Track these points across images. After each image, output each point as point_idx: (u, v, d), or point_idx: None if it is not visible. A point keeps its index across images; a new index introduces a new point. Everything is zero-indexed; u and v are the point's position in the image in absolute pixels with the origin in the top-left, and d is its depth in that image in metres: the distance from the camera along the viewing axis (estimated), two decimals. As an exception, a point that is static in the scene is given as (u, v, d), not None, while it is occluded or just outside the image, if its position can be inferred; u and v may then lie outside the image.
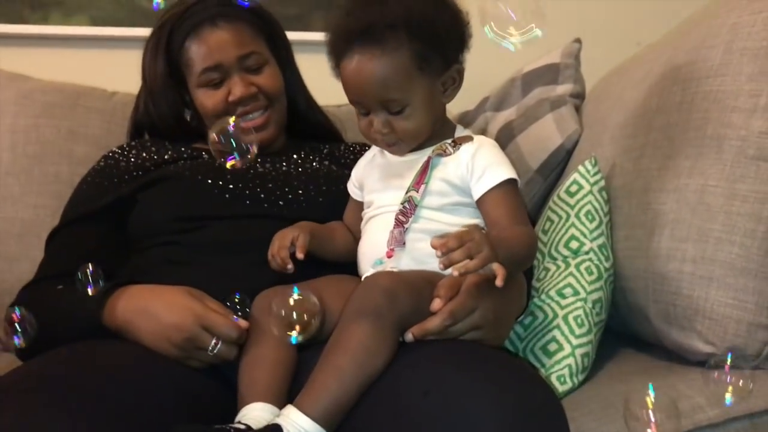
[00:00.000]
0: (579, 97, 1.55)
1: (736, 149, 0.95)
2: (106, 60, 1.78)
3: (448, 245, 0.81)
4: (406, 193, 0.97)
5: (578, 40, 1.61)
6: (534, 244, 0.98)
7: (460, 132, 1.04)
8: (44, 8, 1.77)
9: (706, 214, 0.95)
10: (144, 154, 1.23)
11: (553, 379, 0.97)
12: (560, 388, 0.97)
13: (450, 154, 0.98)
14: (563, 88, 1.56)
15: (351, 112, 1.62)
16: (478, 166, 0.96)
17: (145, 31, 1.61)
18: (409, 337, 0.86)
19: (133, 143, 1.28)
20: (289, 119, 1.33)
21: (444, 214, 0.97)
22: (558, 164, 1.43)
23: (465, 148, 0.98)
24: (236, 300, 0.97)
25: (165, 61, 1.24)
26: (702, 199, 0.97)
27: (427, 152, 1.00)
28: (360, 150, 1.36)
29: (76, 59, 1.78)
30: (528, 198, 1.44)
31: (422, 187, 0.96)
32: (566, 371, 0.97)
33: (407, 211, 0.96)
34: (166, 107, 1.28)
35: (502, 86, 1.66)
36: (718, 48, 1.02)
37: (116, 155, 1.25)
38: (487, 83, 1.70)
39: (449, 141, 1.00)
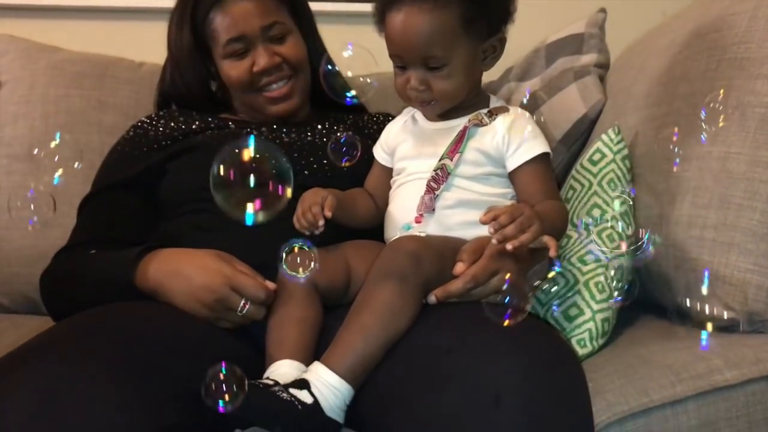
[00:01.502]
0: (603, 67, 1.54)
1: (760, 116, 0.95)
2: (134, 31, 1.80)
3: (500, 221, 0.83)
4: (440, 160, 0.99)
5: (603, 10, 1.60)
6: (567, 217, 1.01)
7: (494, 102, 1.05)
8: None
9: (728, 181, 0.96)
10: (172, 124, 1.26)
11: (574, 342, 0.99)
12: (580, 352, 0.98)
13: (486, 125, 1.00)
14: (588, 58, 1.56)
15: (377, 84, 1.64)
16: (514, 138, 0.98)
17: (171, 2, 1.64)
18: (432, 299, 0.88)
19: (161, 113, 1.30)
20: (313, 89, 1.35)
21: (476, 183, 0.99)
22: (582, 134, 1.44)
23: (501, 119, 1.00)
24: None
25: (190, 32, 1.26)
26: (724, 166, 0.97)
27: (463, 121, 1.01)
28: (383, 120, 1.38)
29: (105, 31, 1.81)
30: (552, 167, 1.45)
31: (457, 155, 0.98)
32: (586, 335, 0.99)
33: (439, 178, 0.98)
34: (192, 78, 1.30)
35: (526, 56, 1.66)
36: (743, 15, 1.02)
37: (145, 125, 1.27)
38: (512, 53, 1.70)
39: (485, 111, 1.01)
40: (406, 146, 1.06)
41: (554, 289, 1.06)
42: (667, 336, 0.98)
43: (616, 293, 0.87)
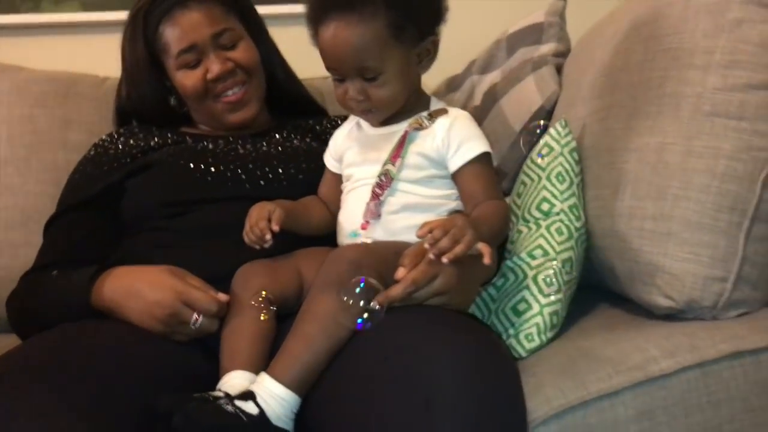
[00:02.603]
0: (563, 55, 1.55)
1: (693, 106, 0.97)
2: (99, 45, 1.80)
3: (434, 235, 0.85)
4: (383, 166, 1.01)
5: (563, -2, 1.61)
6: (508, 215, 1.04)
7: (435, 104, 1.07)
8: (35, -3, 1.82)
9: (665, 172, 0.98)
10: (131, 141, 1.28)
11: (522, 337, 1.01)
12: (528, 346, 1.01)
13: (426, 128, 1.01)
14: (547, 48, 1.57)
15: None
16: (453, 139, 1.00)
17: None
18: (374, 305, 0.90)
19: (121, 131, 1.32)
20: (270, 94, 1.36)
21: (420, 187, 1.01)
22: (540, 125, 1.45)
23: (440, 121, 1.02)
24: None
25: (143, 47, 1.28)
26: (661, 157, 0.99)
27: (404, 125, 1.03)
28: (342, 122, 1.39)
29: (69, 46, 1.82)
30: (513, 161, 1.46)
31: (399, 160, 1.00)
32: (534, 330, 1.01)
33: (383, 183, 1.00)
34: (148, 92, 1.32)
35: (487, 49, 1.67)
36: (676, 6, 1.04)
37: (105, 143, 1.29)
38: (475, 45, 1.71)
39: (425, 114, 1.03)
40: (351, 153, 1.08)
41: (506, 285, 1.08)
42: (612, 326, 1.00)
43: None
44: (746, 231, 0.93)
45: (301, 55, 1.42)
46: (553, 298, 1.04)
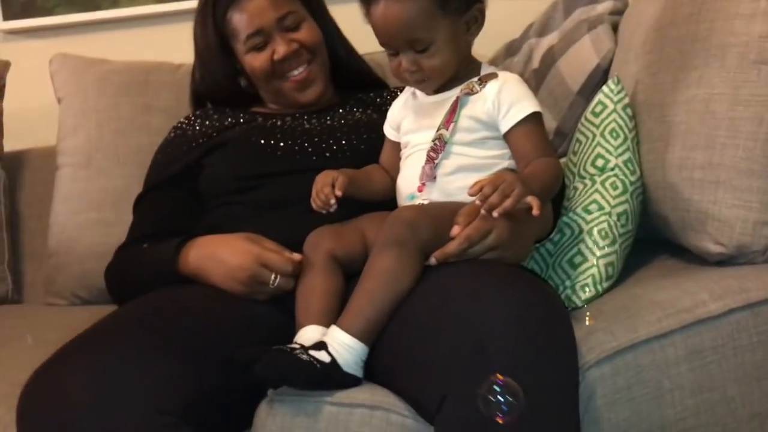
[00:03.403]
0: (620, 13, 1.56)
1: (739, 55, 0.98)
2: (173, 34, 1.91)
3: (483, 192, 0.91)
4: (437, 131, 1.07)
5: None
6: (560, 172, 1.07)
7: (485, 69, 1.11)
8: (114, -7, 1.94)
9: (712, 122, 1.00)
10: (207, 122, 1.37)
11: (578, 288, 1.06)
12: (583, 296, 1.05)
13: (477, 92, 1.06)
14: (603, 6, 1.57)
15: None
16: (504, 102, 1.05)
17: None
18: (431, 261, 0.96)
19: (197, 113, 1.42)
20: (333, 71, 1.43)
21: (472, 149, 1.06)
22: (597, 84, 1.47)
23: (490, 85, 1.06)
24: None
25: (213, 32, 1.37)
26: (708, 107, 1.01)
27: (455, 92, 1.08)
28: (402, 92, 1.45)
29: (146, 36, 1.94)
30: (572, 120, 1.49)
31: (451, 125, 1.05)
32: (589, 281, 1.05)
33: (437, 147, 1.06)
34: (221, 76, 1.41)
35: (545, 11, 1.69)
36: (722, -44, 1.04)
37: (183, 125, 1.39)
38: (533, 9, 1.73)
39: (475, 79, 1.08)
40: (408, 121, 1.14)
41: (563, 239, 1.13)
42: (665, 274, 1.04)
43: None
44: (794, 176, 0.94)
45: (361, 31, 1.50)
46: (608, 249, 1.08)
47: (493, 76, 1.08)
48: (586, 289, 1.05)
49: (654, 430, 0.88)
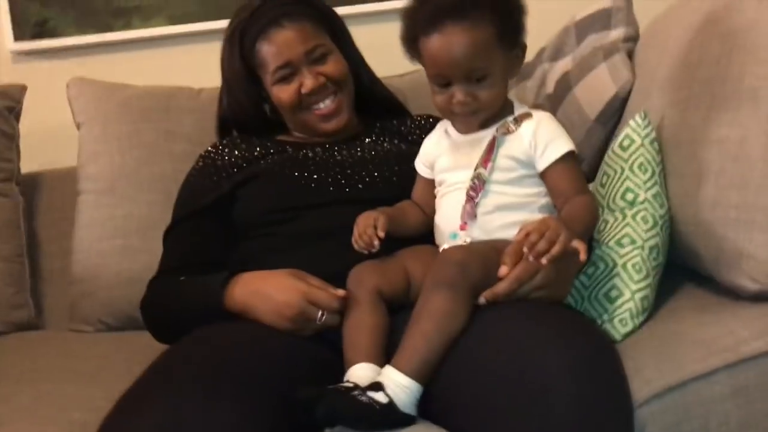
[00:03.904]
0: (632, 39, 1.60)
1: (771, 99, 1.02)
2: (186, 55, 1.95)
3: (530, 240, 0.94)
4: (475, 170, 1.10)
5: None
6: (597, 210, 1.12)
7: (518, 108, 1.15)
8: (126, 15, 1.95)
9: (747, 163, 1.04)
10: (236, 152, 1.39)
11: (616, 322, 1.09)
12: (622, 330, 1.09)
13: (513, 132, 1.10)
14: (616, 33, 1.62)
15: (412, 81, 1.75)
16: (540, 141, 1.09)
17: (217, 24, 1.79)
18: (481, 300, 1.00)
19: (225, 141, 1.44)
20: (356, 98, 1.46)
21: (511, 187, 1.10)
22: (615, 112, 1.51)
23: (526, 125, 1.10)
24: None
25: (240, 61, 1.39)
26: (743, 149, 1.05)
27: (490, 131, 1.12)
28: (425, 123, 1.48)
29: (159, 58, 1.96)
30: (589, 145, 1.53)
31: (490, 164, 1.09)
32: (627, 315, 1.09)
33: (477, 186, 1.09)
34: (247, 103, 1.44)
35: (557, 36, 1.72)
36: (752, 2, 1.08)
37: (212, 155, 1.41)
38: (543, 33, 1.77)
39: (510, 119, 1.12)
40: (443, 160, 1.17)
41: (597, 272, 1.16)
42: (700, 309, 1.08)
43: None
44: (827, 217, 0.99)
45: (374, 53, 1.53)
46: (642, 284, 1.12)
47: (528, 116, 1.11)
48: (624, 323, 1.09)
49: (701, 465, 0.92)
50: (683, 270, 1.23)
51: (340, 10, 1.50)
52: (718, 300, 1.09)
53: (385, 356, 1.04)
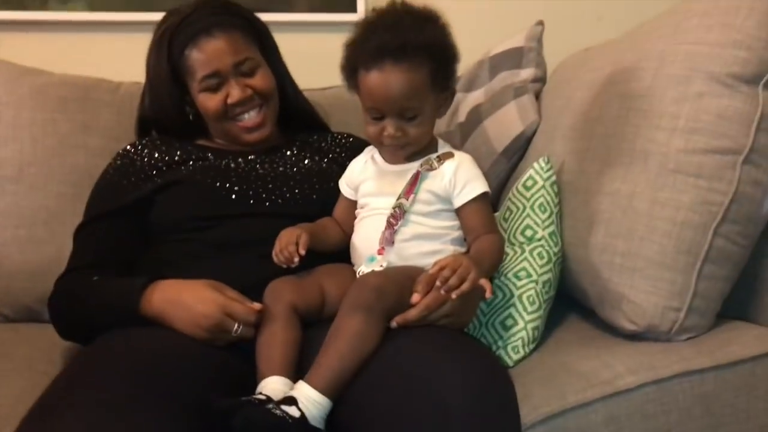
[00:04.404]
0: (540, 80, 1.74)
1: (659, 162, 1.15)
2: (104, 44, 1.92)
3: (443, 275, 1.02)
4: (397, 199, 1.17)
5: (541, 23, 1.78)
6: (503, 248, 1.21)
7: (442, 146, 1.24)
8: (43, -5, 1.89)
9: (634, 216, 1.17)
10: (156, 154, 1.40)
11: (509, 349, 1.20)
12: (514, 357, 1.20)
13: (435, 169, 1.18)
14: (526, 73, 1.74)
15: (334, 97, 1.80)
16: (459, 180, 1.18)
17: (139, 16, 1.77)
18: (393, 324, 1.07)
19: (144, 141, 1.44)
20: (280, 112, 1.50)
21: (429, 219, 1.18)
22: (519, 148, 1.64)
23: (448, 164, 1.19)
24: None
25: (167, 66, 1.40)
26: (631, 203, 1.18)
27: (415, 165, 1.20)
28: (345, 142, 1.54)
29: (75, 44, 1.92)
30: (494, 176, 1.64)
31: (412, 196, 1.17)
32: (519, 342, 1.20)
33: (397, 215, 1.17)
34: (170, 106, 1.44)
35: (471, 68, 1.83)
36: (649, 71, 1.22)
37: (130, 154, 1.41)
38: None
39: (434, 156, 1.20)
40: (368, 184, 1.24)
41: (495, 301, 1.27)
42: (584, 342, 1.20)
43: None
44: (698, 271, 1.13)
45: (298, 63, 1.58)
46: (534, 315, 1.23)
47: (450, 155, 1.20)
48: (516, 350, 1.20)
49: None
50: (569, 301, 1.35)
51: (266, 17, 1.52)
52: (600, 334, 1.22)
53: (296, 370, 1.10)
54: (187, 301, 1.15)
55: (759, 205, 1.13)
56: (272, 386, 1.06)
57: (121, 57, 1.70)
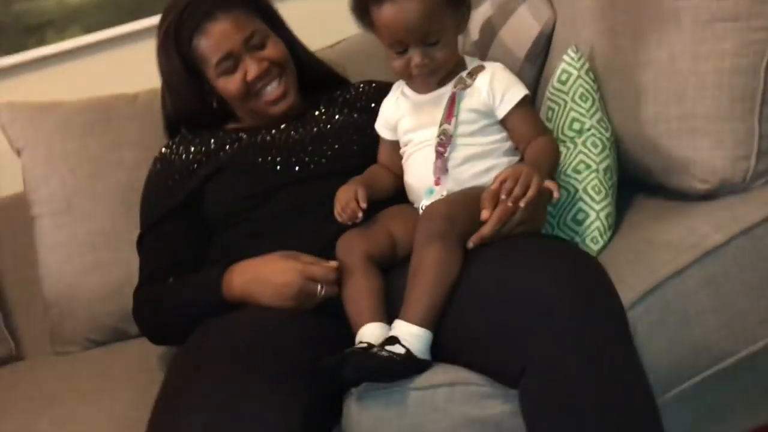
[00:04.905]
0: (547, -23, 1.69)
1: (692, 16, 1.12)
2: (110, 62, 1.92)
3: (506, 186, 1.02)
4: (440, 126, 1.16)
5: None
6: (557, 146, 1.20)
7: (470, 62, 1.22)
8: (38, 31, 1.90)
9: (680, 78, 1.14)
10: (192, 148, 1.41)
11: (588, 241, 1.19)
12: (595, 248, 1.19)
13: (470, 86, 1.17)
14: (530, -28, 1.70)
15: (344, 50, 1.79)
16: (497, 91, 1.16)
17: (135, 26, 1.77)
18: (470, 245, 1.07)
19: (177, 140, 1.45)
20: (298, 77, 1.50)
21: (476, 138, 1.17)
22: (542, 49, 1.60)
23: (481, 77, 1.18)
24: None
25: (179, 59, 1.40)
26: (674, 65, 1.15)
27: (448, 88, 1.18)
28: (370, 89, 1.53)
29: (83, 70, 1.92)
30: (524, 83, 1.62)
31: (453, 119, 1.16)
32: (596, 233, 1.19)
33: (444, 142, 1.16)
34: (192, 100, 1.45)
35: (476, -19, 1.79)
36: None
37: (167, 156, 1.42)
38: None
39: (465, 74, 1.18)
40: (405, 121, 1.23)
41: (560, 200, 1.25)
42: (659, 216, 1.19)
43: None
44: (758, 114, 1.10)
45: (301, 28, 1.57)
46: (604, 203, 1.22)
47: (481, 68, 1.19)
48: (596, 240, 1.19)
49: (687, 351, 1.04)
50: (631, 184, 1.34)
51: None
52: (674, 204, 1.20)
53: (386, 312, 1.11)
54: (266, 275, 1.16)
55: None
56: (370, 333, 1.07)
57: (130, 70, 1.71)
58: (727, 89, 1.10)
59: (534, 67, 1.62)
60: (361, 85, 1.56)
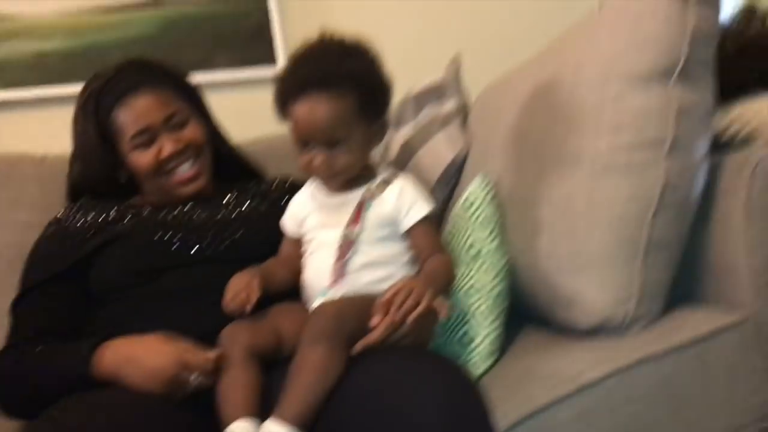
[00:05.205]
0: (464, 109, 1.80)
1: (590, 164, 1.20)
2: (25, 121, 1.88)
3: (398, 298, 1.03)
4: (344, 230, 1.18)
5: (457, 59, 1.84)
6: (452, 266, 1.22)
7: (382, 172, 1.25)
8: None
9: (573, 218, 1.21)
10: (89, 217, 1.37)
11: (472, 363, 1.21)
12: (478, 371, 1.20)
13: (378, 195, 1.20)
14: (449, 104, 1.81)
15: (266, 147, 1.81)
16: (404, 204, 1.19)
17: (56, 90, 1.75)
18: (356, 350, 1.07)
19: (76, 206, 1.41)
20: (214, 163, 1.50)
21: (378, 246, 1.19)
22: (453, 175, 1.68)
23: (390, 189, 1.20)
24: None
25: (95, 126, 1.38)
26: (569, 205, 1.22)
27: (358, 194, 1.21)
28: (283, 185, 1.54)
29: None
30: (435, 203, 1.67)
31: (358, 225, 1.17)
32: (480, 356, 1.21)
33: (346, 246, 1.17)
34: (101, 170, 1.42)
35: (397, 106, 1.88)
36: (568, 80, 1.27)
37: (62, 221, 1.38)
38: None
39: (375, 184, 1.21)
40: (312, 218, 1.24)
41: (450, 319, 1.27)
42: (544, 346, 1.22)
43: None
44: (641, 260, 1.16)
45: (228, 120, 1.59)
46: (491, 327, 1.24)
47: (391, 179, 1.22)
48: (480, 363, 1.21)
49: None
50: (524, 310, 1.37)
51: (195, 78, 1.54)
52: (558, 336, 1.24)
53: (259, 410, 1.07)
54: (140, 356, 1.11)
55: (689, 191, 1.19)
56: (240, 428, 1.03)
57: (44, 131, 1.68)
58: (615, 235, 1.17)
59: (446, 189, 1.69)
60: (276, 180, 1.57)
